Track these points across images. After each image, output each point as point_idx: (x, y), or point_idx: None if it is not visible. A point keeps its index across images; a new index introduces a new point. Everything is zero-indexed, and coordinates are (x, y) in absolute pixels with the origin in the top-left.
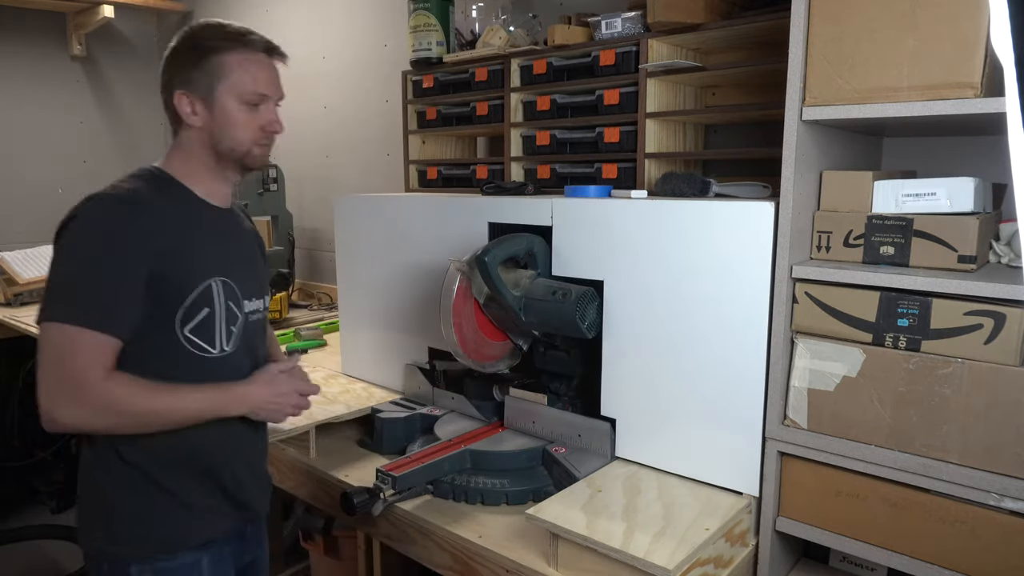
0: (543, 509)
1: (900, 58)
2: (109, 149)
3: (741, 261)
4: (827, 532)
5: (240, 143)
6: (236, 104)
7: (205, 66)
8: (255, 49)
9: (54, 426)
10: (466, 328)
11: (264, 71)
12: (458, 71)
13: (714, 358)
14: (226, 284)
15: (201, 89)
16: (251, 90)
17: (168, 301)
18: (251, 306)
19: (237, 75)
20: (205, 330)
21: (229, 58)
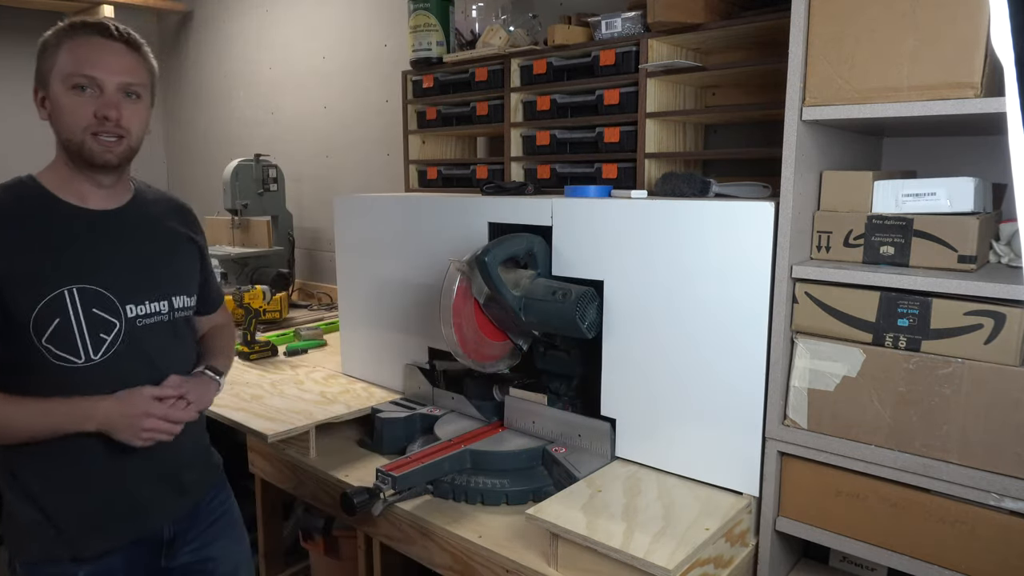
0: (543, 509)
1: (900, 58)
2: None
3: (741, 261)
4: (827, 532)
5: (72, 132)
6: (63, 88)
7: (43, 56)
8: (86, 32)
9: None
10: (466, 328)
11: (94, 53)
12: (458, 71)
13: (714, 358)
14: (87, 291)
15: (41, 80)
16: (74, 71)
17: (16, 312)
18: (139, 311)
19: (63, 58)
20: (62, 339)
21: (61, 43)
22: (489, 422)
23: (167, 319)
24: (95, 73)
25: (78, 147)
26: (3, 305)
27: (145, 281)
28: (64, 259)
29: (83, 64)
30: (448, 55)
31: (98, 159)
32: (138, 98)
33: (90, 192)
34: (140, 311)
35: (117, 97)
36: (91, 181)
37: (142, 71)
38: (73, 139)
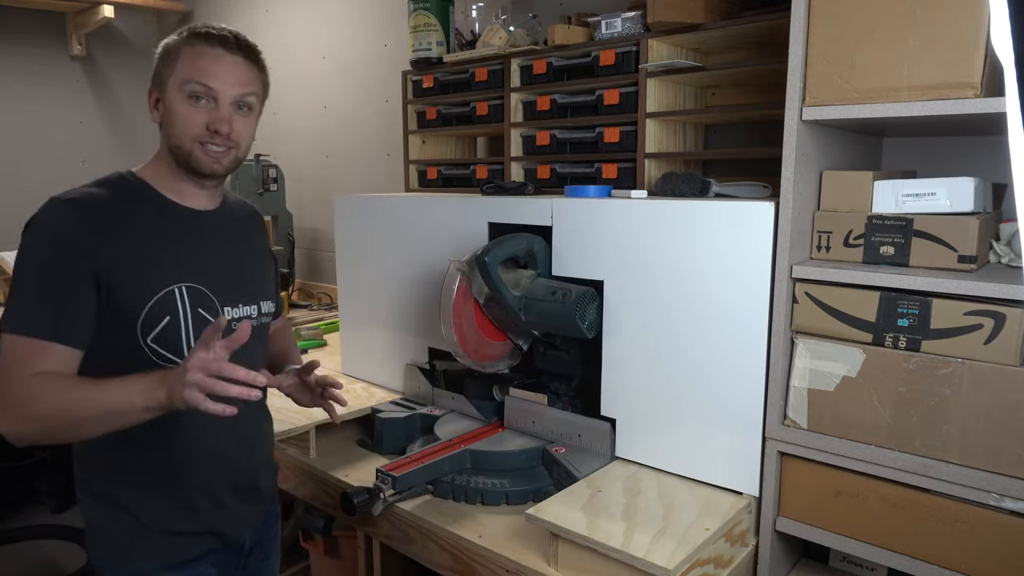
0: (543, 509)
1: (900, 58)
2: (109, 149)
3: (741, 261)
4: (827, 532)
5: (181, 140)
6: (179, 95)
7: (163, 60)
8: (208, 42)
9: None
10: (466, 328)
11: (214, 64)
12: (458, 71)
13: (714, 358)
14: (194, 290)
15: (158, 84)
16: (191, 78)
17: (125, 309)
18: (235, 313)
19: (182, 65)
20: (169, 339)
21: (182, 50)
22: (489, 422)
23: (255, 324)
24: (212, 84)
25: (186, 155)
26: (114, 300)
27: (239, 284)
28: (172, 256)
29: (201, 74)
30: (448, 55)
31: (205, 169)
32: (249, 110)
33: (191, 193)
34: (235, 314)
35: (230, 110)
36: (195, 184)
37: (257, 83)
38: (182, 146)
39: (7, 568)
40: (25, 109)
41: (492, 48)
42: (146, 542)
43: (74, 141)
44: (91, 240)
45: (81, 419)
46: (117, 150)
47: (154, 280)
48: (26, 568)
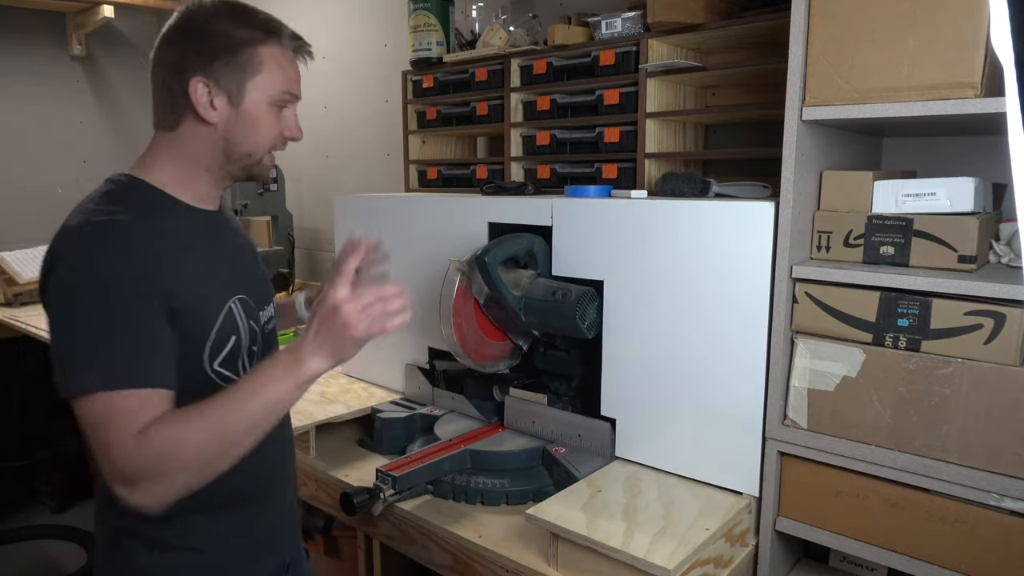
0: (543, 509)
1: (900, 58)
2: (109, 149)
3: (741, 261)
4: (827, 532)
5: (258, 148)
6: (267, 104)
7: (237, 58)
8: (295, 45)
9: (149, 511)
10: (466, 328)
11: (295, 70)
12: (458, 71)
13: (714, 358)
14: (244, 301)
15: (226, 82)
16: (284, 89)
17: (193, 335)
18: (264, 316)
19: (270, 71)
20: (232, 360)
21: (264, 51)
22: (489, 422)
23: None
24: (297, 93)
25: (255, 162)
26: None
27: (261, 283)
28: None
29: (293, 83)
30: (448, 55)
31: (264, 174)
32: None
33: (210, 195)
34: (264, 316)
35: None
36: (219, 186)
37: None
38: (255, 153)
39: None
40: (25, 109)
41: (492, 48)
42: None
43: (74, 141)
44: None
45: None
46: (117, 150)
47: (213, 300)
48: (26, 568)
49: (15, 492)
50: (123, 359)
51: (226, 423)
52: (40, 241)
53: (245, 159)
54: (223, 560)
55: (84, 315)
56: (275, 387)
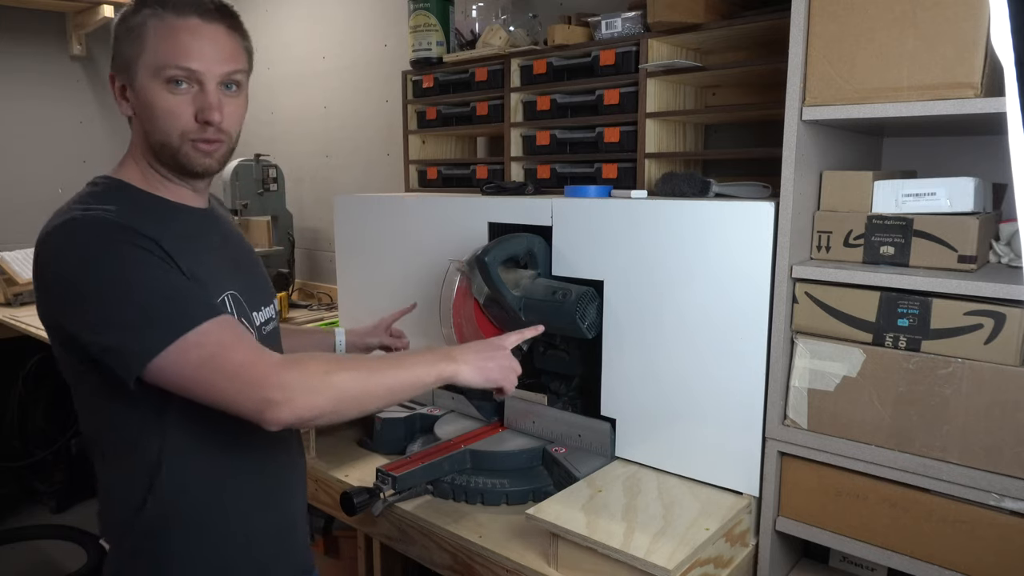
0: (543, 509)
1: (900, 58)
2: (109, 149)
3: (741, 261)
4: (827, 532)
5: (166, 136)
6: (155, 84)
7: (126, 38)
8: (178, 11)
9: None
10: (466, 328)
11: (195, 39)
12: (458, 71)
13: (714, 358)
14: (235, 298)
15: (124, 70)
16: (168, 62)
17: None
18: (261, 317)
19: (151, 45)
20: None
21: (148, 24)
22: (489, 422)
23: (275, 324)
24: (194, 65)
25: (173, 152)
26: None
27: (257, 284)
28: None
29: (180, 54)
30: (448, 55)
31: (198, 167)
32: (238, 88)
33: (184, 193)
34: (262, 318)
35: (218, 94)
36: (184, 184)
37: (242, 56)
38: (168, 143)
39: (7, 568)
40: (25, 109)
41: (492, 48)
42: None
43: (74, 141)
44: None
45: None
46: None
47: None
48: (26, 568)
49: (15, 492)
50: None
51: (373, 375)
52: None
53: (163, 149)
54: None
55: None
56: (422, 369)
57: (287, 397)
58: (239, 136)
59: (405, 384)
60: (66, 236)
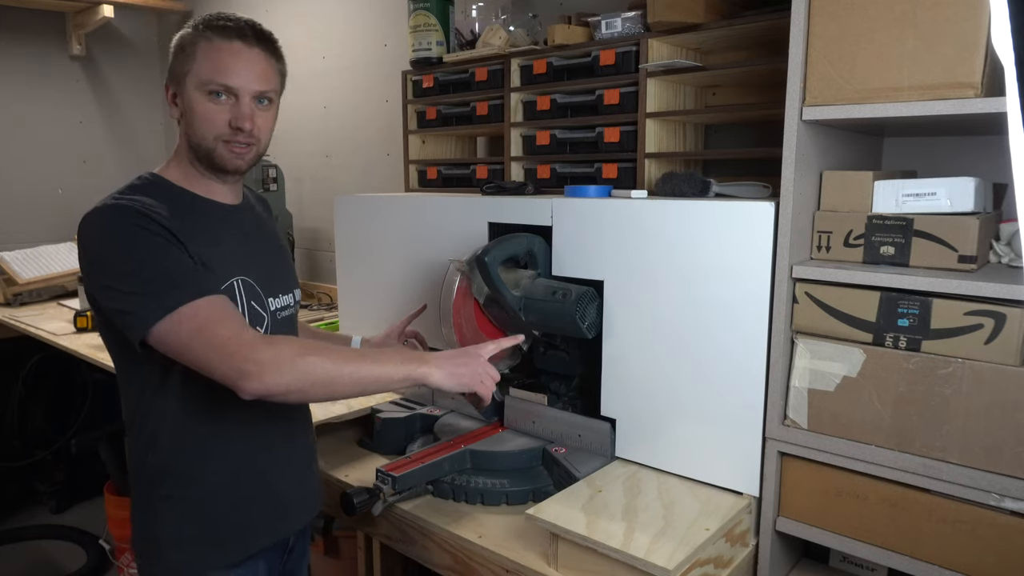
0: (543, 509)
1: (900, 58)
2: (109, 149)
3: (741, 261)
4: (827, 532)
5: (202, 138)
6: (198, 94)
7: (180, 55)
8: (227, 36)
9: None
10: (466, 328)
11: (234, 60)
12: (458, 71)
13: (714, 358)
14: (246, 283)
15: (177, 80)
16: (211, 79)
17: None
18: (277, 303)
19: (200, 62)
20: None
21: (198, 45)
22: (489, 422)
23: (293, 312)
24: (231, 83)
25: (208, 152)
26: None
27: (277, 274)
28: (224, 252)
29: (220, 73)
30: (448, 55)
31: (229, 166)
32: (269, 103)
33: (217, 188)
34: (277, 304)
35: (251, 107)
36: (217, 179)
37: (275, 77)
38: (204, 144)
39: (7, 568)
40: (25, 109)
41: (492, 48)
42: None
43: (74, 141)
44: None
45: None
46: (117, 150)
47: (219, 273)
48: (26, 568)
49: (15, 492)
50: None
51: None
52: (40, 241)
53: (198, 149)
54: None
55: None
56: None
57: (258, 371)
58: (268, 142)
59: (372, 377)
60: (95, 219)
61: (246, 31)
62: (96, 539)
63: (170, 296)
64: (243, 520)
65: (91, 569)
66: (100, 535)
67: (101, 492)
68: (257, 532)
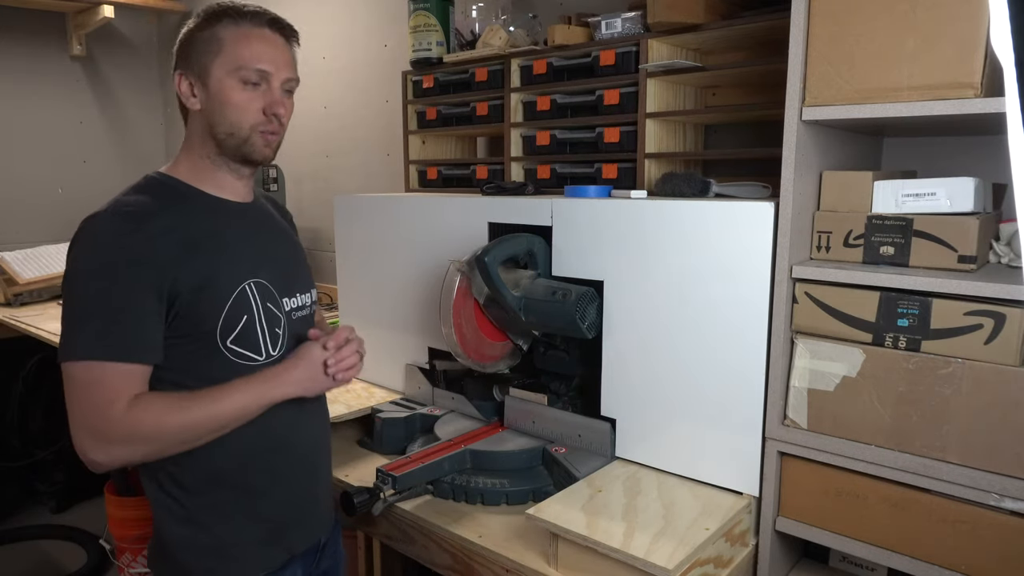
0: (543, 509)
1: (900, 58)
2: (109, 149)
3: (741, 261)
4: (827, 532)
5: (238, 127)
6: (232, 81)
7: (201, 44)
8: (256, 22)
9: (94, 467)
10: (466, 328)
11: (267, 46)
12: (458, 71)
13: (714, 358)
14: (260, 285)
15: (197, 69)
16: (247, 65)
17: (203, 316)
18: (293, 303)
19: (230, 49)
20: (248, 338)
21: (225, 31)
22: (489, 422)
23: (309, 312)
24: (267, 68)
25: (242, 142)
26: (189, 309)
27: (291, 273)
28: (234, 253)
29: (256, 58)
30: (448, 55)
31: (259, 155)
32: (291, 93)
33: (230, 185)
34: (293, 304)
35: (281, 93)
36: (234, 173)
37: (296, 68)
38: (238, 134)
39: (7, 568)
40: (25, 109)
41: (492, 48)
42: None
43: (74, 141)
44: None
45: (198, 436)
46: (117, 150)
47: (225, 282)
48: (26, 568)
49: (15, 492)
50: (112, 335)
51: (201, 421)
52: (40, 241)
53: (229, 139)
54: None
55: (85, 292)
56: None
57: (90, 447)
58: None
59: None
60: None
61: (277, 19)
62: (96, 539)
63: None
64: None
65: (91, 569)
66: (100, 535)
67: (101, 492)
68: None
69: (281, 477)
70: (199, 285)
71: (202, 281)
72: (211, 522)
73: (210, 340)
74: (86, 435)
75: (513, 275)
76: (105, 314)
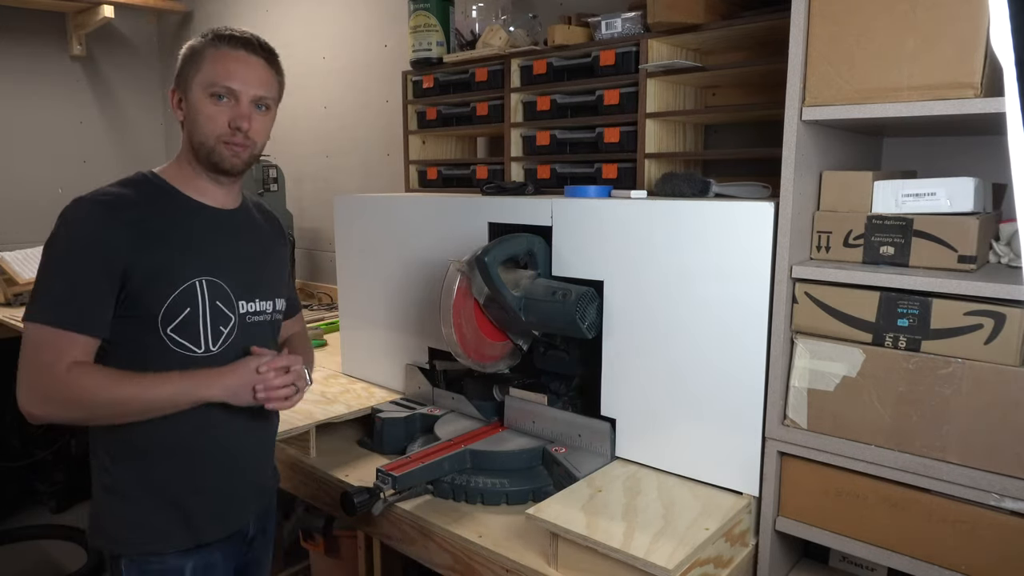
0: (543, 509)
1: (900, 58)
2: (109, 149)
3: (741, 261)
4: (827, 532)
5: (205, 136)
6: (203, 95)
7: (189, 63)
8: (233, 45)
9: (30, 418)
10: (466, 328)
11: (238, 66)
12: (458, 71)
13: (714, 358)
14: (213, 284)
15: (183, 84)
16: (217, 82)
17: (149, 302)
18: (250, 307)
19: (206, 67)
20: (188, 329)
21: (206, 52)
22: (489, 422)
23: (268, 319)
24: (233, 85)
25: (208, 151)
26: (138, 293)
27: (255, 280)
28: (192, 251)
29: (224, 76)
30: (448, 55)
31: (226, 164)
32: (267, 109)
33: (211, 190)
34: (250, 308)
35: (250, 109)
36: (213, 181)
37: (274, 85)
38: (205, 143)
39: (7, 568)
40: (25, 109)
41: (492, 48)
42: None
43: (74, 141)
44: (117, 238)
45: (125, 412)
46: (117, 150)
47: (177, 275)
48: (26, 568)
49: (15, 492)
50: (66, 306)
51: (130, 399)
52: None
53: (201, 148)
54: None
55: (51, 264)
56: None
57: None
58: (264, 146)
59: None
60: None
61: (251, 42)
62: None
63: (48, 309)
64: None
65: (91, 569)
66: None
67: None
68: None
69: (198, 470)
70: (151, 274)
71: (155, 270)
72: (128, 494)
73: (152, 324)
74: (28, 388)
75: (513, 275)
76: (63, 287)
